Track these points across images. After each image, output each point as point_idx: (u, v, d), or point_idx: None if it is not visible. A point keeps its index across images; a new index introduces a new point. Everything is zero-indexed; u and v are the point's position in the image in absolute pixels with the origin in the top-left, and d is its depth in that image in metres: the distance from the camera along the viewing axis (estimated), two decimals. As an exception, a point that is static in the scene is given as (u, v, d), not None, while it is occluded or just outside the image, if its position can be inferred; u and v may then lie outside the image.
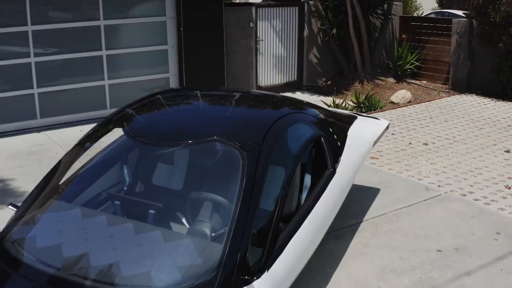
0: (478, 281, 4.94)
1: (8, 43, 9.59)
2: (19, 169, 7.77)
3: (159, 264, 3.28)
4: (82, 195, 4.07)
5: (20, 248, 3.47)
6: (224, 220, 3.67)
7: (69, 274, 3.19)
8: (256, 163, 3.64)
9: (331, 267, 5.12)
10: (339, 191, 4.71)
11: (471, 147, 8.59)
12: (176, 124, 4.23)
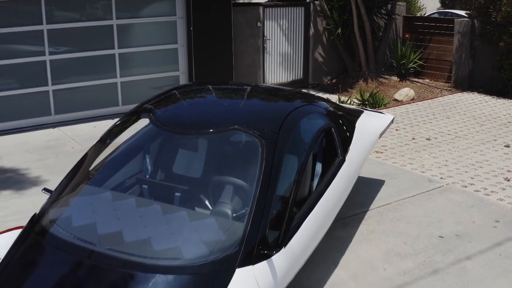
0: (478, 265, 5.25)
1: (24, 41, 9.93)
2: (39, 162, 8.11)
3: (187, 239, 3.61)
4: (112, 180, 4.41)
5: (57, 227, 3.81)
6: (245, 202, 3.99)
7: (105, 249, 3.52)
8: (274, 150, 3.98)
9: (339, 251, 5.45)
10: (348, 177, 5.05)
11: (472, 142, 8.90)
12: (199, 115, 4.57)
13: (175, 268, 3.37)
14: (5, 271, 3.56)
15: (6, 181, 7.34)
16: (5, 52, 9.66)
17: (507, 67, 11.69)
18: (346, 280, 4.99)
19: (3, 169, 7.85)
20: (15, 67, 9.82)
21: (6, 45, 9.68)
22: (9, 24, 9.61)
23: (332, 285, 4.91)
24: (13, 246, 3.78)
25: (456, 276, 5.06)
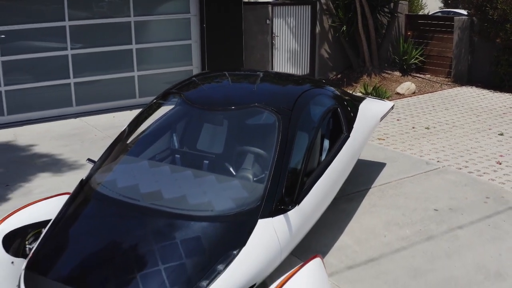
0: (469, 233, 5.89)
1: (48, 37, 10.60)
2: (66, 147, 8.77)
3: (217, 196, 4.26)
4: (148, 150, 5.07)
5: (104, 187, 4.46)
6: (264, 167, 4.64)
7: (149, 203, 4.18)
8: (288, 124, 4.63)
9: (345, 221, 6.10)
10: (352, 151, 5.70)
11: (469, 131, 9.53)
12: (223, 95, 5.23)
13: (208, 218, 4.03)
14: (62, 223, 4.22)
15: (42, 164, 8.00)
16: (31, 46, 10.33)
17: (504, 62, 12.31)
18: (351, 245, 5.63)
19: (36, 153, 8.51)
20: (39, 61, 10.48)
21: (31, 40, 10.35)
22: (34, 20, 10.28)
23: (339, 249, 5.55)
24: (67, 204, 4.44)
25: (449, 242, 5.70)
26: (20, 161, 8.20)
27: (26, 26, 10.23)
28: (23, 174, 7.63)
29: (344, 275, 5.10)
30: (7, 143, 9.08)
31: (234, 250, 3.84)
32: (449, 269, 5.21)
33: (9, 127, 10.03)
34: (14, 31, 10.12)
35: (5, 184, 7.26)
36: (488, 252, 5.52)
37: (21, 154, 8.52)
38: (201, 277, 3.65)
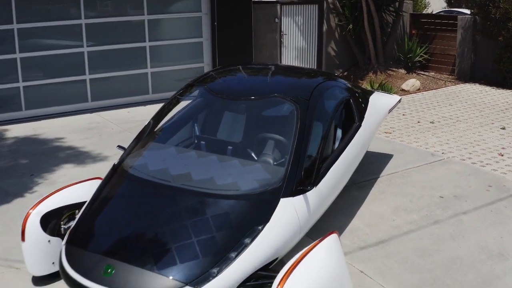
0: (472, 218, 6.25)
1: (64, 35, 10.98)
2: (86, 140, 9.14)
3: (242, 177, 4.63)
4: (175, 137, 5.45)
5: (136, 170, 4.84)
6: (284, 152, 5.00)
7: (179, 184, 4.55)
8: (306, 113, 5.00)
9: (356, 207, 6.46)
10: (363, 139, 6.08)
11: (472, 125, 9.89)
12: (244, 86, 5.61)
13: (235, 196, 4.40)
14: (98, 202, 4.59)
15: (64, 155, 8.38)
16: (48, 44, 10.71)
17: (506, 60, 12.65)
18: (362, 228, 6.00)
19: (57, 145, 8.89)
20: (56, 57, 10.86)
21: (48, 38, 10.73)
22: (51, 18, 10.66)
23: (351, 231, 5.92)
24: (101, 185, 4.81)
25: (454, 226, 6.06)
26: (41, 153, 8.56)
27: (43, 24, 10.60)
28: (46, 164, 8.00)
29: (356, 254, 5.47)
30: (28, 136, 9.46)
31: (259, 225, 4.21)
32: (454, 250, 5.57)
33: (28, 122, 10.39)
34: (32, 29, 10.50)
35: (30, 174, 7.64)
36: (490, 235, 5.88)
37: (42, 146, 8.89)
38: (230, 249, 4.02)
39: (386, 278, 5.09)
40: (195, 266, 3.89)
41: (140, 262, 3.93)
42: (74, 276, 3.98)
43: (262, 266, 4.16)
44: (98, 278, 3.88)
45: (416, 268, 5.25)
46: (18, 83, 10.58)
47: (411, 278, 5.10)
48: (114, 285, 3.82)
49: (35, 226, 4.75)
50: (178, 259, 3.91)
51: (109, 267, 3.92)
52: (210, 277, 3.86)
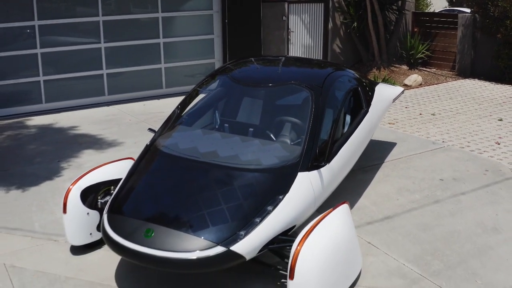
0: (470, 198, 6.79)
1: (83, 31, 11.53)
2: (106, 130, 9.69)
3: (264, 154, 5.17)
4: (201, 120, 6.00)
5: (168, 148, 5.39)
6: (300, 133, 5.54)
7: (208, 159, 5.10)
8: (319, 98, 5.56)
9: (362, 188, 7.01)
10: (370, 123, 6.64)
11: (471, 117, 10.43)
12: (263, 75, 6.18)
13: (259, 170, 4.95)
14: (135, 175, 5.15)
15: (86, 143, 8.93)
16: (67, 40, 11.26)
17: (504, 56, 13.19)
18: (369, 206, 6.55)
19: (79, 134, 9.45)
20: (74, 53, 11.41)
21: (67, 34, 11.29)
22: (70, 15, 11.22)
23: (358, 209, 6.47)
24: (136, 162, 5.37)
25: (453, 204, 6.61)
26: (65, 141, 9.11)
27: (63, 21, 11.15)
28: (70, 151, 8.55)
29: (364, 228, 6.02)
30: (50, 126, 10.00)
31: (280, 195, 4.76)
32: (453, 225, 6.12)
33: (48, 114, 10.92)
34: (52, 26, 11.05)
35: (57, 160, 8.19)
36: (486, 212, 6.43)
37: (64, 135, 9.44)
38: (255, 215, 4.57)
39: (391, 248, 5.64)
40: (225, 229, 4.44)
41: (177, 225, 4.48)
42: (118, 239, 4.52)
43: (282, 232, 4.71)
44: (140, 240, 4.43)
45: (418, 240, 5.79)
46: (39, 77, 11.12)
47: (414, 248, 5.64)
48: (154, 245, 4.36)
49: (76, 199, 5.30)
50: (210, 223, 4.46)
51: (149, 230, 4.47)
52: (238, 239, 4.40)
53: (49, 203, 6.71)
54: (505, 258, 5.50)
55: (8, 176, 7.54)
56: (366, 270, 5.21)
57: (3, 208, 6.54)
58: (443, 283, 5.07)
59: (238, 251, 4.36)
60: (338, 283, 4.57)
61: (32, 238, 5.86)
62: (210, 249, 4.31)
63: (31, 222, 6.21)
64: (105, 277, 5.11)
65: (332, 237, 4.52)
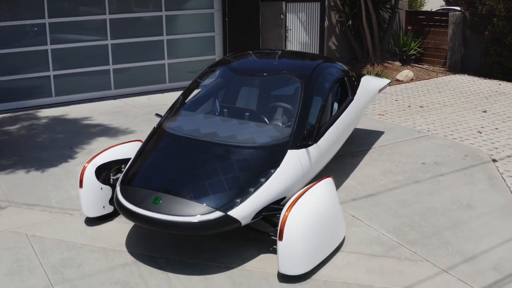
0: (448, 179, 7.43)
1: (90, 28, 12.18)
2: (113, 121, 10.34)
3: (258, 134, 5.81)
4: (203, 106, 6.65)
5: (173, 130, 6.04)
6: (291, 117, 6.17)
7: (209, 138, 5.75)
8: (308, 86, 6.20)
9: (350, 170, 7.65)
10: (355, 110, 7.28)
11: (457, 109, 11.07)
12: (258, 66, 6.83)
13: (253, 147, 5.59)
14: (144, 153, 5.81)
15: (96, 132, 9.58)
16: (76, 36, 11.92)
17: (492, 53, 13.83)
18: (355, 185, 7.19)
19: (89, 124, 10.10)
20: (83, 49, 12.06)
21: (76, 31, 11.94)
22: (79, 13, 11.88)
23: (345, 188, 7.11)
24: (145, 142, 6.02)
25: (432, 185, 7.25)
26: (75, 130, 9.76)
27: (72, 19, 11.80)
28: (81, 139, 9.19)
29: (349, 204, 6.66)
30: (60, 118, 10.65)
31: (272, 169, 5.41)
32: (430, 202, 6.75)
33: (57, 107, 11.57)
34: (62, 23, 11.70)
35: (69, 147, 8.84)
36: (462, 192, 7.07)
37: (74, 125, 10.09)
38: (249, 185, 5.21)
39: (373, 220, 6.28)
40: (223, 197, 5.08)
41: (181, 193, 5.12)
42: (130, 207, 5.17)
43: (274, 201, 5.35)
44: (149, 206, 5.07)
45: (397, 214, 6.43)
46: (49, 72, 11.77)
47: (393, 221, 6.28)
48: (162, 211, 5.01)
49: (91, 175, 5.96)
50: (210, 192, 5.11)
51: (157, 198, 5.11)
52: (234, 205, 5.05)
53: (64, 183, 7.36)
54: (476, 230, 6.13)
55: (24, 161, 8.18)
56: (349, 239, 5.85)
57: (22, 188, 7.19)
58: (418, 249, 5.70)
59: (234, 216, 5.01)
60: (323, 245, 5.21)
61: (50, 213, 6.51)
62: (210, 214, 4.95)
63: (48, 199, 6.86)
64: (116, 244, 5.76)
65: (316, 205, 5.16)
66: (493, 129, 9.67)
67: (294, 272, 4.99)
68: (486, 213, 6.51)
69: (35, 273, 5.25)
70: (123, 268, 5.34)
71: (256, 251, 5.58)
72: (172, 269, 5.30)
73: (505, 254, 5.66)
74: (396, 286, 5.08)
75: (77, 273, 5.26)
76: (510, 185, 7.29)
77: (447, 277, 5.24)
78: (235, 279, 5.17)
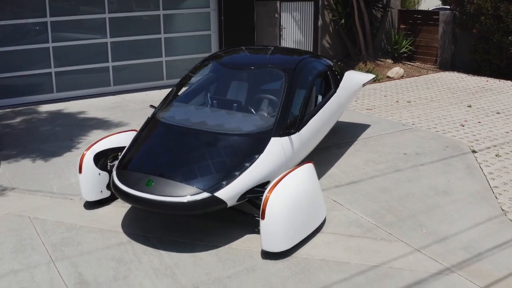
0: (428, 168, 7.85)
1: (90, 27, 12.63)
2: (112, 115, 10.77)
3: (244, 123, 6.24)
4: (195, 98, 7.09)
5: (166, 119, 6.47)
6: (276, 107, 6.60)
7: (199, 127, 6.19)
8: (292, 79, 6.64)
9: (335, 160, 8.08)
10: (338, 102, 7.71)
11: (443, 104, 11.49)
12: (246, 60, 7.28)
13: (239, 134, 6.03)
14: (139, 140, 6.25)
15: (95, 125, 10.01)
16: (76, 35, 12.36)
17: (481, 50, 14.25)
18: (338, 173, 7.62)
19: (88, 118, 10.54)
20: (83, 47, 12.50)
21: (77, 29, 12.39)
22: (80, 12, 12.33)
23: (329, 176, 7.54)
24: (140, 130, 6.47)
25: (411, 173, 7.67)
26: (75, 124, 10.20)
27: (73, 18, 12.25)
28: (80, 132, 9.63)
29: (332, 190, 7.09)
30: (61, 112, 11.08)
31: (256, 155, 5.84)
32: (409, 189, 7.18)
33: (58, 102, 12.01)
34: (63, 22, 12.14)
35: (70, 139, 9.28)
36: (440, 179, 7.49)
37: (75, 119, 10.52)
38: (234, 169, 5.64)
39: (353, 205, 6.71)
40: (210, 179, 5.51)
41: (172, 176, 5.55)
42: (125, 189, 5.61)
43: (258, 185, 5.78)
44: (142, 188, 5.50)
45: (377, 199, 6.86)
46: (50, 69, 12.21)
47: (372, 205, 6.71)
48: (154, 192, 5.44)
49: (89, 161, 6.39)
50: (198, 175, 5.54)
51: (150, 181, 5.55)
52: (220, 187, 5.48)
53: (64, 172, 7.80)
54: (450, 214, 6.55)
55: (27, 151, 8.62)
56: (330, 221, 6.29)
57: (25, 176, 7.63)
58: (394, 231, 6.13)
59: (220, 197, 5.44)
60: (303, 225, 5.65)
61: (51, 198, 6.95)
62: (198, 195, 5.39)
63: (50, 186, 7.30)
64: (113, 225, 6.20)
65: (296, 187, 5.59)
66: (476, 123, 10.09)
67: (275, 249, 5.42)
68: (461, 199, 6.93)
69: (37, 251, 5.69)
70: (119, 246, 5.78)
71: (242, 232, 6.01)
72: (164, 248, 5.73)
73: (475, 236, 6.07)
74: (371, 263, 5.51)
75: (76, 251, 5.69)
76: (486, 174, 7.70)
77: (419, 255, 5.66)
78: (221, 256, 5.60)
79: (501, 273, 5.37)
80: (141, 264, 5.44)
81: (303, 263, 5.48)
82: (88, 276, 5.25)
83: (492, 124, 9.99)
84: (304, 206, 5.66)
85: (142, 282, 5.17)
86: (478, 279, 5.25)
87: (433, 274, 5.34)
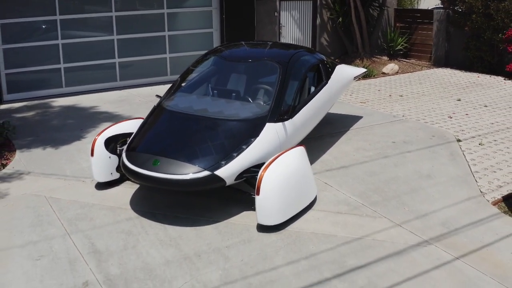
0: (414, 155, 8.43)
1: (98, 25, 13.23)
2: (119, 108, 11.37)
3: (242, 110, 6.84)
4: (197, 89, 7.69)
5: (170, 107, 7.07)
6: (270, 96, 7.18)
7: (201, 113, 6.79)
8: (286, 71, 7.24)
9: (327, 147, 8.67)
10: (329, 94, 8.31)
11: (434, 98, 12.07)
12: (244, 54, 7.90)
13: (237, 120, 6.63)
14: (146, 125, 6.84)
15: (104, 117, 10.61)
16: (84, 32, 12.97)
17: (473, 47, 14.82)
18: (330, 159, 8.21)
19: (97, 111, 11.15)
20: (91, 44, 13.10)
21: (85, 27, 12.99)
22: (88, 11, 12.93)
23: (321, 161, 8.13)
24: (147, 117, 7.07)
25: (398, 159, 8.25)
26: (85, 116, 10.79)
27: (81, 16, 12.85)
28: (90, 123, 10.22)
29: (323, 174, 7.68)
30: (70, 105, 11.68)
31: (252, 138, 6.43)
32: (395, 173, 7.76)
33: (67, 96, 12.60)
34: (72, 20, 12.75)
35: (80, 128, 9.87)
36: (424, 165, 8.07)
37: (84, 112, 11.12)
38: (232, 151, 6.24)
39: (342, 186, 7.30)
40: (211, 159, 6.11)
41: (176, 156, 6.15)
42: (133, 168, 6.20)
43: (253, 165, 6.37)
44: (149, 167, 6.10)
45: (364, 182, 7.44)
46: (60, 64, 12.81)
47: (360, 187, 7.30)
48: (160, 171, 6.04)
49: (101, 145, 7.00)
50: (200, 155, 6.13)
51: (156, 161, 6.15)
52: (220, 166, 6.07)
53: (76, 158, 8.40)
54: (431, 195, 7.13)
55: (40, 140, 9.22)
56: (320, 200, 6.87)
57: (40, 161, 8.24)
58: (378, 209, 6.71)
59: (220, 175, 6.04)
60: (295, 201, 6.23)
61: (65, 180, 7.55)
62: (200, 173, 5.99)
63: (63, 170, 7.91)
64: (122, 203, 6.80)
65: (288, 167, 6.17)
66: (463, 115, 10.66)
67: (269, 222, 6.02)
68: (443, 182, 7.50)
69: (54, 225, 6.29)
70: (127, 221, 6.38)
71: (240, 209, 6.61)
72: (168, 222, 6.33)
73: (454, 213, 6.65)
74: (355, 235, 6.09)
75: (89, 225, 6.29)
76: (469, 160, 8.28)
77: (400, 229, 6.24)
78: (221, 229, 6.19)
79: (475, 246, 5.93)
80: (148, 236, 6.04)
81: (295, 235, 6.06)
82: (100, 246, 5.85)
83: (479, 116, 10.55)
84: (296, 184, 6.25)
85: (149, 251, 5.76)
86: (453, 250, 5.81)
87: (412, 245, 5.91)
